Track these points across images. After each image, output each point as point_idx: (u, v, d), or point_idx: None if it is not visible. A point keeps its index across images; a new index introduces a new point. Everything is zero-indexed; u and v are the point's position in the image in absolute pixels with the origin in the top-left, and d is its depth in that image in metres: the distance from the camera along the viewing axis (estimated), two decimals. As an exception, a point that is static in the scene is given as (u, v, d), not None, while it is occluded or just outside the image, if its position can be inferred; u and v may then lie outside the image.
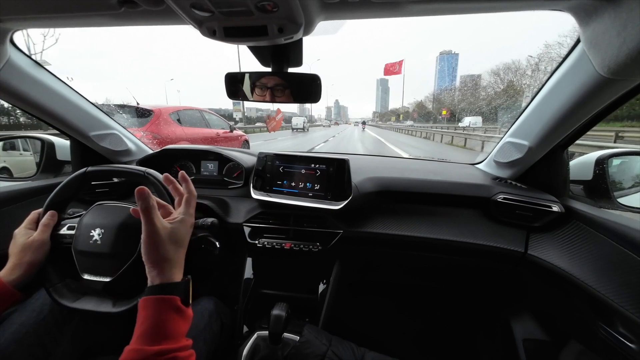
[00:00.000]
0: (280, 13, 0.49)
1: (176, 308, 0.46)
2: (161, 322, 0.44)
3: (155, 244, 0.49)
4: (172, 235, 0.51)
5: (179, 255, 0.52)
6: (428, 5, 0.56)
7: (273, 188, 1.00)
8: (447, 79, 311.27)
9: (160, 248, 0.49)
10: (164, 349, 0.41)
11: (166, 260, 0.49)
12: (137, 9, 0.56)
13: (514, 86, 59.10)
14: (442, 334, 1.30)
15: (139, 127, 4.18)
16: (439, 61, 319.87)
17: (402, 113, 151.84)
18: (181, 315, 0.46)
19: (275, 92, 0.70)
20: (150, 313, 0.44)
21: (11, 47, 0.80)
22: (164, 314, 0.44)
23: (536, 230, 0.91)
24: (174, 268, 0.50)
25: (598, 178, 0.93)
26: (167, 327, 0.44)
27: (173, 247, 0.51)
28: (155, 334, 0.43)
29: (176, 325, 0.45)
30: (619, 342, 0.62)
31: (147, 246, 0.49)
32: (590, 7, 0.54)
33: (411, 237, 0.97)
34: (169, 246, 0.50)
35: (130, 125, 4.16)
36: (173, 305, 0.46)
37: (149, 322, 0.44)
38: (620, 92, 0.65)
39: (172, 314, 0.45)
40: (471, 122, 23.75)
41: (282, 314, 0.74)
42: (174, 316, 0.45)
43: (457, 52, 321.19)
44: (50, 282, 0.66)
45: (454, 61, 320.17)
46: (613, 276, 0.66)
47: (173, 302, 0.46)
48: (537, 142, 0.88)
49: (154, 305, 0.45)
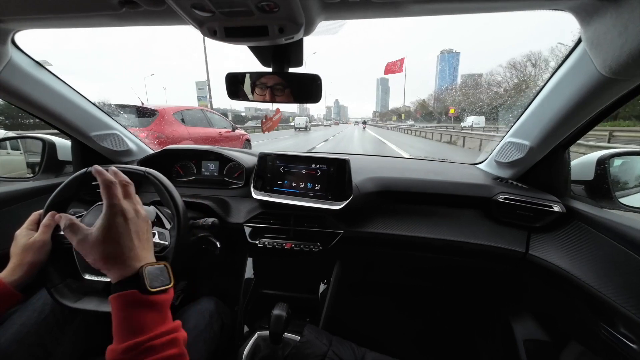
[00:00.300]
0: (280, 13, 0.49)
1: (135, 302, 0.44)
2: (124, 319, 0.43)
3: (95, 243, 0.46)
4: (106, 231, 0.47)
5: (125, 246, 0.47)
6: (428, 5, 0.56)
7: (274, 188, 1.00)
8: (448, 78, 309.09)
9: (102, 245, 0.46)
10: (131, 344, 0.41)
11: (111, 255, 0.46)
12: (138, 9, 0.56)
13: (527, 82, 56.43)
14: (442, 335, 1.30)
15: (144, 126, 4.23)
16: (440, 60, 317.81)
17: (404, 112, 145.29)
18: (147, 306, 0.44)
19: (275, 92, 0.70)
20: (115, 312, 0.44)
21: (12, 47, 0.80)
22: (125, 311, 0.44)
23: (537, 231, 0.91)
24: (126, 261, 0.46)
25: (599, 178, 0.93)
26: (131, 322, 0.43)
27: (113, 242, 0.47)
28: (123, 331, 0.42)
29: (141, 318, 0.43)
30: (620, 342, 0.61)
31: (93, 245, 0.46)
32: (592, 7, 0.54)
33: (412, 238, 0.97)
34: (107, 242, 0.47)
35: (135, 125, 4.25)
36: (131, 300, 0.44)
37: (116, 321, 0.43)
38: (621, 92, 0.65)
39: (134, 308, 0.44)
40: (474, 122, 23.25)
41: (282, 314, 0.74)
42: (136, 310, 0.44)
43: (458, 51, 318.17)
44: (52, 282, 0.66)
45: (455, 60, 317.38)
46: (614, 277, 0.66)
47: (130, 297, 0.44)
48: (538, 142, 0.88)
49: (115, 303, 0.44)
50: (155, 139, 4.13)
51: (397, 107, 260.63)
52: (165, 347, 0.43)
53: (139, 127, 4.24)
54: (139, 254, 0.48)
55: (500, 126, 14.99)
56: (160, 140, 4.14)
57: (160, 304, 0.46)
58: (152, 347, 0.41)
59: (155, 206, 0.84)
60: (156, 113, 4.39)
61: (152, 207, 0.83)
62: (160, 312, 0.45)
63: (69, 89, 1.00)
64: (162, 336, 0.43)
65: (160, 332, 0.43)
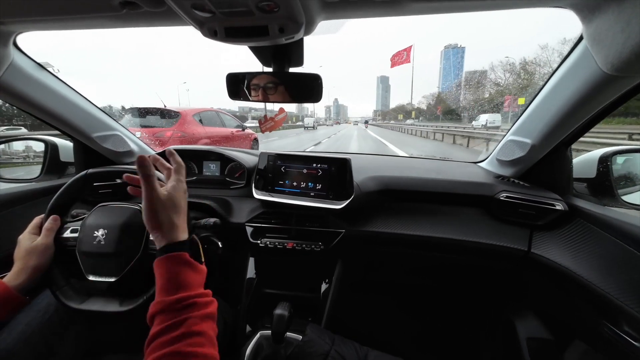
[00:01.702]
0: (281, 13, 0.49)
1: (185, 262, 0.50)
2: (174, 276, 0.48)
3: (155, 210, 0.52)
4: (169, 201, 0.54)
5: (179, 218, 0.55)
6: (429, 4, 0.56)
7: (275, 188, 1.00)
8: (453, 75, 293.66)
9: (160, 213, 0.52)
10: (181, 296, 0.46)
11: (167, 223, 0.52)
12: (139, 10, 0.56)
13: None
14: (444, 333, 1.30)
15: (169, 127, 4.69)
16: (444, 56, 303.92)
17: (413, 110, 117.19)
18: (193, 268, 0.50)
19: (276, 92, 0.70)
20: (163, 271, 0.49)
21: (14, 49, 0.81)
22: (175, 268, 0.49)
23: (539, 229, 0.91)
24: (176, 230, 0.53)
25: (602, 176, 0.92)
26: (180, 279, 0.48)
27: (172, 211, 0.54)
28: (171, 286, 0.47)
29: (189, 277, 0.49)
30: (624, 340, 0.61)
31: (149, 212, 0.52)
32: (593, 4, 0.53)
33: (414, 236, 0.97)
34: (168, 210, 0.53)
35: (162, 125, 4.74)
36: (182, 259, 0.50)
37: (164, 278, 0.48)
38: (623, 89, 0.65)
39: (183, 267, 0.49)
40: (488, 121, 21.92)
41: (284, 314, 0.74)
42: (185, 269, 0.49)
43: (463, 46, 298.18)
44: (57, 284, 0.66)
45: (459, 55, 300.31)
46: (618, 274, 0.66)
47: (182, 257, 0.50)
48: (540, 139, 0.88)
49: (165, 262, 0.49)
50: (178, 137, 4.55)
51: (403, 103, 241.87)
52: (206, 306, 0.48)
53: (164, 127, 4.70)
54: (184, 228, 0.55)
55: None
56: (182, 139, 4.56)
57: (201, 270, 0.52)
58: (196, 303, 0.47)
59: None
60: (179, 115, 4.80)
61: None
62: (201, 276, 0.52)
63: (70, 91, 1.01)
64: (203, 296, 0.49)
65: (201, 293, 0.49)
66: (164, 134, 4.66)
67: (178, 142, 4.55)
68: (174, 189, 0.56)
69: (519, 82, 53.92)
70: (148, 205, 0.52)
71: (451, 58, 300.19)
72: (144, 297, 0.64)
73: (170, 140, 4.53)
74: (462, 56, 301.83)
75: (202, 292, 0.49)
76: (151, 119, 4.85)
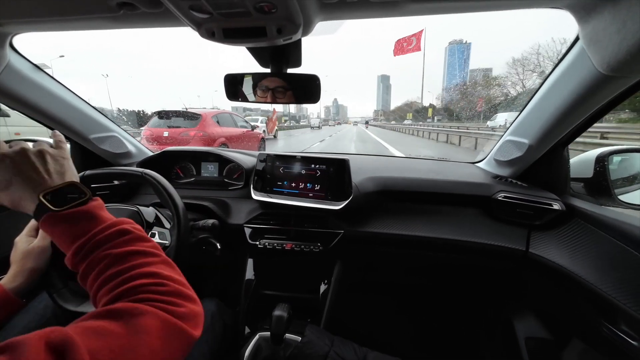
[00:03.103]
0: (278, 14, 0.49)
1: (58, 220, 0.44)
2: (61, 234, 0.44)
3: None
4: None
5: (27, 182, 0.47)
6: (427, 5, 0.56)
7: (273, 189, 1.00)
8: (458, 73, 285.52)
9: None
10: (77, 245, 0.42)
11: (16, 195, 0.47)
12: (136, 11, 0.56)
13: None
14: (444, 334, 1.30)
15: (192, 127, 5.42)
16: (448, 52, 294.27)
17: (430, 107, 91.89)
18: (73, 219, 0.45)
19: (275, 92, 0.70)
20: (50, 236, 0.46)
21: (11, 50, 0.80)
22: (55, 229, 0.45)
23: (537, 229, 0.91)
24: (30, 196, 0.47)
25: (599, 175, 0.93)
26: (67, 235, 0.44)
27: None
28: (66, 242, 0.44)
29: (73, 229, 0.44)
30: (622, 340, 0.61)
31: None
32: (590, 5, 0.54)
33: (412, 237, 0.97)
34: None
35: (186, 125, 5.50)
36: (52, 221, 0.44)
37: (56, 240, 0.45)
38: (620, 89, 0.65)
39: (60, 225, 0.44)
40: (508, 120, 20.81)
41: (283, 315, 0.74)
42: (64, 225, 0.44)
43: (469, 42, 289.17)
44: (54, 286, 0.66)
45: (465, 52, 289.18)
46: (615, 274, 0.66)
47: (51, 219, 0.44)
48: (537, 140, 0.88)
49: (44, 229, 0.45)
50: (200, 137, 5.27)
51: (411, 100, 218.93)
52: (115, 236, 0.43)
53: (188, 127, 5.46)
54: (41, 184, 0.47)
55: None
56: (204, 138, 5.30)
57: (86, 212, 0.45)
58: (99, 240, 0.42)
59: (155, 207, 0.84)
60: (200, 116, 5.50)
61: (152, 208, 0.83)
62: (92, 219, 0.45)
63: (67, 92, 1.00)
64: (106, 229, 0.43)
65: (102, 228, 0.43)
66: (188, 133, 5.37)
67: (200, 141, 5.30)
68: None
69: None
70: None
71: (456, 54, 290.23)
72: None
73: (193, 139, 5.26)
74: (468, 53, 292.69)
75: (102, 226, 0.43)
76: (176, 121, 5.57)
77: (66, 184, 0.49)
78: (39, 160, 0.49)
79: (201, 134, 5.29)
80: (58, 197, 0.46)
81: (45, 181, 0.47)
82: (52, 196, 0.46)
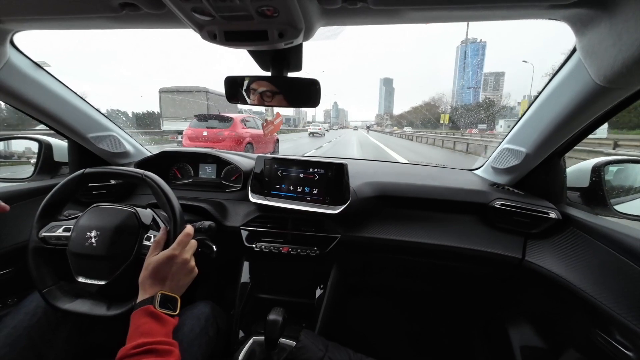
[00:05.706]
0: (280, 18, 0.50)
1: (148, 314, 0.56)
2: (138, 326, 0.55)
3: (159, 269, 0.62)
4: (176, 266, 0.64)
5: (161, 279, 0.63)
6: (427, 13, 0.57)
7: (271, 192, 0.99)
8: (472, 74, 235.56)
9: (164, 272, 0.62)
10: (138, 343, 0.51)
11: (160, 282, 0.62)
12: (138, 12, 0.56)
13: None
14: (439, 340, 1.29)
15: (226, 128, 6.60)
16: (460, 52, 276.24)
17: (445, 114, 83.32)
18: (154, 318, 0.56)
19: (274, 96, 0.70)
20: (132, 321, 0.56)
21: (11, 48, 0.80)
22: (140, 320, 0.56)
23: (534, 237, 0.91)
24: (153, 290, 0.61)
25: (595, 185, 0.93)
26: (141, 329, 0.54)
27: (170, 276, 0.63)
28: (134, 335, 0.54)
29: (148, 326, 0.55)
30: (616, 349, 0.61)
31: (157, 266, 0.62)
32: (587, 17, 0.55)
33: (409, 243, 0.97)
34: (174, 274, 0.63)
35: (220, 127, 6.66)
36: (145, 311, 0.56)
37: (131, 329, 0.55)
38: (615, 100, 0.66)
39: (145, 318, 0.56)
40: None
41: (278, 319, 0.73)
42: (146, 319, 0.56)
43: (484, 41, 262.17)
44: (45, 284, 0.65)
45: (480, 52, 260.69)
46: (610, 283, 0.66)
47: (145, 310, 0.56)
48: (534, 149, 0.89)
49: (134, 315, 0.57)
50: (233, 137, 6.45)
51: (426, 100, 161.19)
52: (164, 353, 0.52)
53: (222, 128, 6.62)
54: (159, 287, 0.61)
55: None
56: (235, 137, 6.46)
57: (165, 320, 0.57)
58: (154, 349, 0.51)
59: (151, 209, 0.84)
60: (232, 119, 6.70)
61: (149, 210, 0.82)
62: (164, 327, 0.56)
63: (67, 90, 1.00)
64: (163, 344, 0.53)
65: (161, 340, 0.53)
66: (223, 133, 6.52)
67: (232, 140, 6.44)
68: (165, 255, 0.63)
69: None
70: (163, 261, 0.61)
71: (470, 54, 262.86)
72: (132, 302, 0.63)
73: (227, 139, 6.39)
74: (483, 52, 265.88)
75: (163, 339, 0.54)
76: (212, 122, 6.86)
77: (175, 296, 0.62)
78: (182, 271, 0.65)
79: (233, 134, 6.45)
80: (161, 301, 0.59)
81: (167, 286, 0.62)
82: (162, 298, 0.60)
